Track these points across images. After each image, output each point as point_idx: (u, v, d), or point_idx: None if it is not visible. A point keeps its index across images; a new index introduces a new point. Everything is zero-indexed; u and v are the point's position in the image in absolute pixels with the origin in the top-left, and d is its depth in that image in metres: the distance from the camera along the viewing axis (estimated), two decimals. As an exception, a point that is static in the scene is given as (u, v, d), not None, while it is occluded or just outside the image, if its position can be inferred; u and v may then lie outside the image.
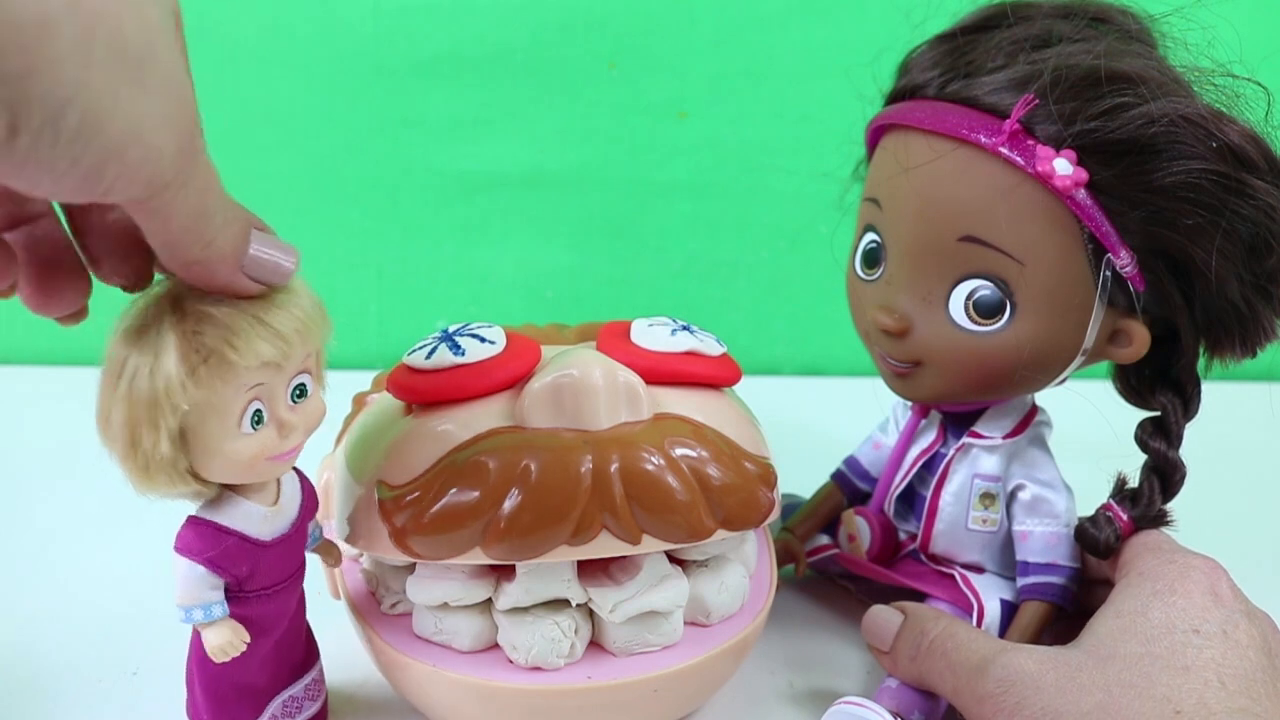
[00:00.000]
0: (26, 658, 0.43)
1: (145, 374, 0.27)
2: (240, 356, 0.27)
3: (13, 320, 0.75)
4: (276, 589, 0.33)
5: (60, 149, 0.21)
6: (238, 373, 0.28)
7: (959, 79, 0.38)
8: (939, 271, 0.38)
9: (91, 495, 0.55)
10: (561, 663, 0.35)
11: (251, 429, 0.29)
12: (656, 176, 0.77)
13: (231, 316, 0.28)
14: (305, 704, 0.37)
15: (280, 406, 0.30)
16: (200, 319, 0.27)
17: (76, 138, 0.21)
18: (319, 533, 0.36)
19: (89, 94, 0.21)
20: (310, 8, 0.73)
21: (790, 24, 0.74)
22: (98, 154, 0.22)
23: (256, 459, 0.30)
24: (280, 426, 0.30)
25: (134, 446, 0.28)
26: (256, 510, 0.32)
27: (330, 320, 0.31)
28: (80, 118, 0.21)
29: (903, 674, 0.39)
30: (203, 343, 0.27)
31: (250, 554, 0.32)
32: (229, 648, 0.31)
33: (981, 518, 0.42)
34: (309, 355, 0.31)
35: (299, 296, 0.29)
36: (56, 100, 0.20)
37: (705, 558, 0.38)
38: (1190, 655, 0.33)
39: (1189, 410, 0.40)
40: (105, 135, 0.21)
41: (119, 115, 0.22)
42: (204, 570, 0.31)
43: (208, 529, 0.31)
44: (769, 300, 0.80)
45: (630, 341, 0.38)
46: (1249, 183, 0.34)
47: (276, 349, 0.28)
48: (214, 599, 0.31)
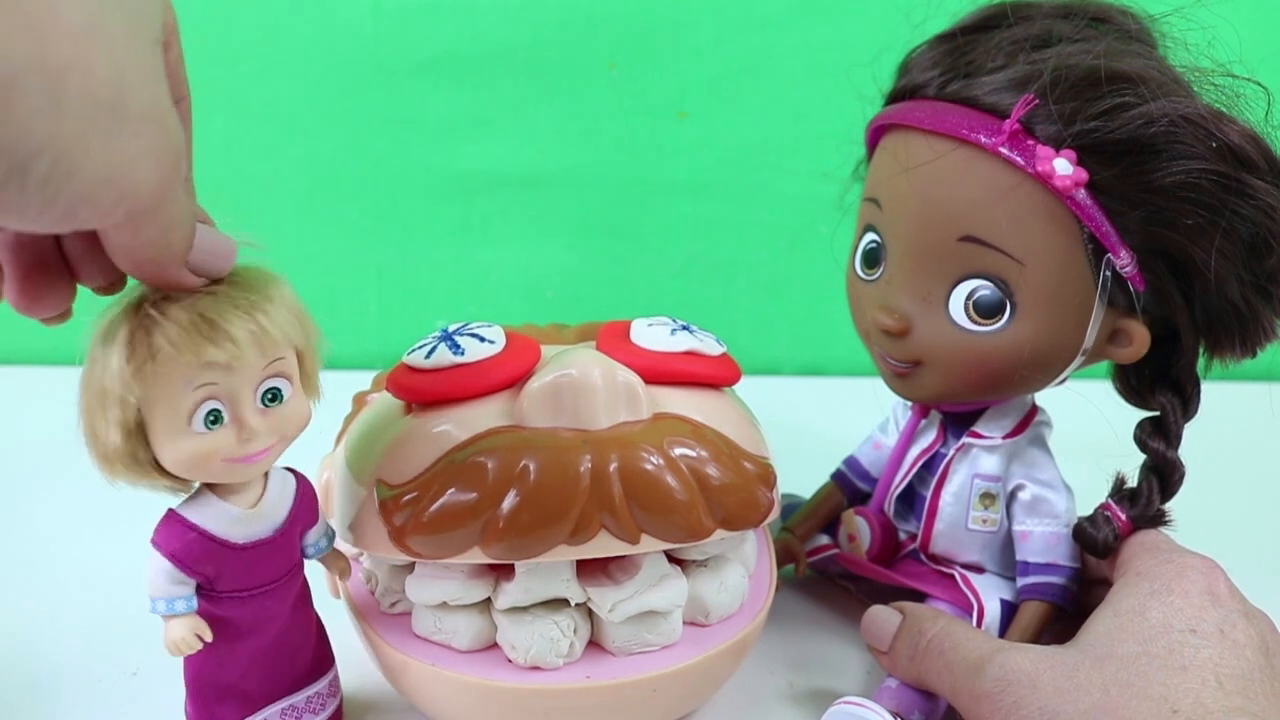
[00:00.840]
0: (26, 658, 0.43)
1: (99, 367, 0.28)
2: (180, 354, 0.28)
3: (12, 320, 0.75)
4: (252, 593, 0.33)
5: (29, 195, 0.21)
6: (180, 369, 0.28)
7: (959, 79, 0.38)
8: (939, 271, 0.38)
9: (91, 495, 0.54)
10: (560, 662, 0.35)
11: (205, 428, 0.30)
12: (656, 176, 0.77)
13: (178, 317, 0.28)
14: (305, 715, 0.36)
15: (244, 409, 0.30)
16: (153, 318, 0.28)
17: (46, 184, 0.21)
18: (325, 543, 0.36)
19: (59, 144, 0.21)
20: (310, 8, 0.73)
21: (790, 24, 0.74)
22: (69, 199, 0.22)
23: (208, 458, 0.30)
24: (240, 428, 0.30)
25: (94, 434, 0.29)
26: (229, 511, 0.32)
27: (314, 327, 0.31)
28: (50, 167, 0.21)
29: (901, 674, 0.39)
30: (150, 341, 0.28)
31: (214, 554, 0.32)
32: (183, 644, 0.32)
33: (981, 518, 0.42)
34: (278, 360, 0.30)
35: (269, 302, 0.30)
36: (24, 151, 0.20)
37: (704, 557, 0.38)
38: (1188, 655, 0.33)
39: (1188, 410, 0.40)
40: (76, 181, 0.22)
41: (90, 162, 0.22)
42: (169, 564, 0.31)
43: (176, 523, 0.32)
44: (769, 300, 0.80)
45: (630, 341, 0.38)
46: (1249, 183, 0.34)
47: (223, 350, 0.28)
48: (177, 594, 0.32)
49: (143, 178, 0.23)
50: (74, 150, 0.21)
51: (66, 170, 0.21)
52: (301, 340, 0.31)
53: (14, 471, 0.60)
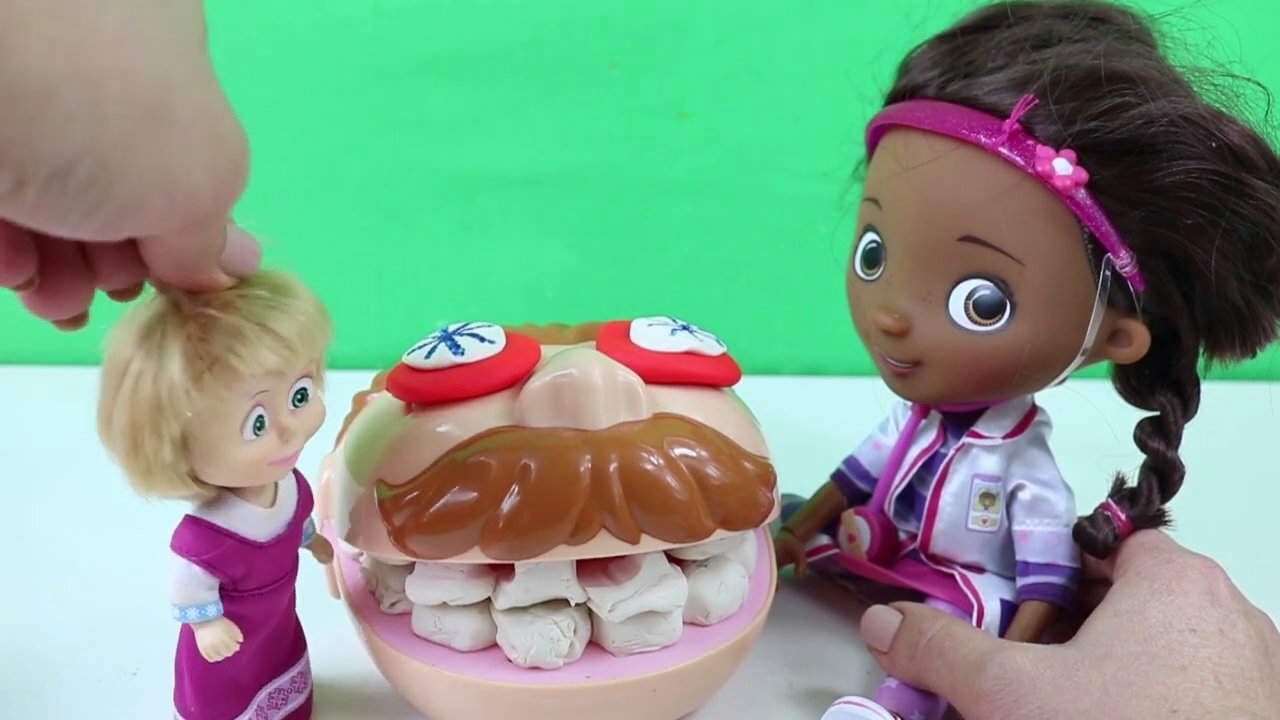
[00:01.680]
0: (26, 658, 0.43)
1: (149, 379, 0.27)
2: (245, 365, 0.27)
3: (13, 320, 0.75)
4: (271, 588, 0.34)
5: (69, 201, 0.21)
6: (243, 380, 0.28)
7: (959, 79, 0.38)
8: (939, 271, 0.38)
9: (91, 495, 0.54)
10: (560, 662, 0.35)
11: (254, 435, 0.29)
12: (656, 176, 0.77)
13: (237, 323, 0.27)
14: (291, 696, 0.37)
15: (282, 412, 0.30)
16: (205, 325, 0.27)
17: (88, 190, 0.21)
18: (311, 529, 0.37)
19: (99, 151, 0.20)
20: (310, 8, 0.73)
21: (790, 24, 0.74)
22: (114, 204, 0.21)
23: (259, 464, 0.30)
24: (281, 432, 0.30)
25: (136, 450, 0.27)
26: (255, 512, 0.32)
27: (332, 323, 0.31)
28: (90, 173, 0.21)
29: (901, 674, 0.39)
30: (208, 350, 0.27)
31: (247, 555, 0.32)
32: (222, 647, 0.32)
33: (981, 518, 0.42)
34: (311, 360, 0.30)
35: (302, 301, 0.29)
36: (64, 158, 0.20)
37: (704, 557, 0.38)
38: (1187, 654, 0.33)
39: (1188, 410, 0.40)
40: (121, 187, 0.21)
41: (135, 168, 0.21)
42: (200, 571, 0.31)
43: (206, 530, 0.31)
44: (769, 300, 0.80)
45: (630, 341, 0.38)
46: (1249, 182, 0.34)
47: (281, 357, 0.28)
48: (209, 599, 0.32)
49: (199, 183, 0.23)
50: (116, 157, 0.21)
51: (109, 178, 0.21)
52: (327, 339, 0.31)
53: (14, 471, 0.60)
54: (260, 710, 0.36)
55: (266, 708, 0.36)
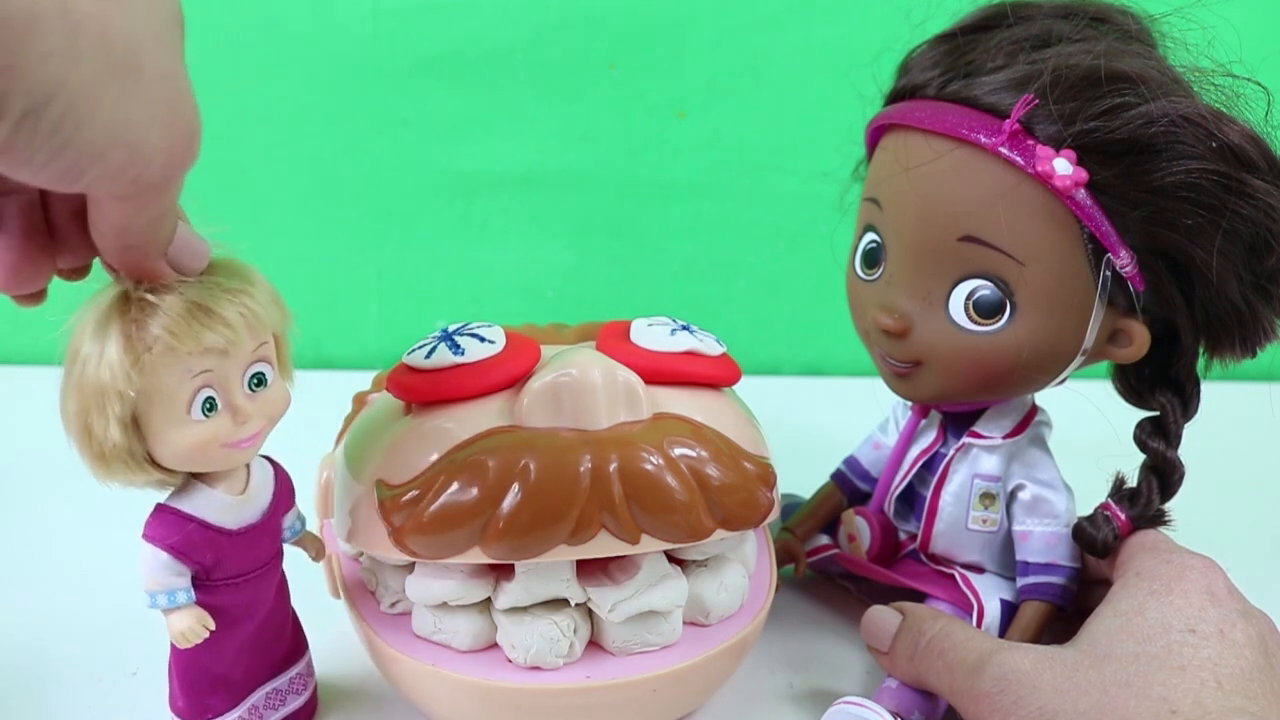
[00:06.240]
0: (26, 658, 0.43)
1: (94, 362, 0.28)
2: (180, 343, 0.28)
3: (13, 320, 0.75)
4: (246, 578, 0.34)
5: (39, 141, 0.22)
6: (180, 358, 0.29)
7: (959, 79, 0.38)
8: (939, 271, 0.38)
9: (91, 495, 0.54)
10: (560, 662, 0.35)
11: (203, 416, 0.30)
12: (656, 176, 0.77)
13: (174, 305, 0.28)
14: (290, 697, 0.37)
15: (235, 394, 0.31)
16: (144, 308, 0.28)
17: (56, 132, 0.22)
18: (300, 525, 0.37)
19: (71, 92, 0.21)
20: (310, 8, 0.73)
21: (790, 24, 0.74)
22: (77, 150, 0.22)
23: (209, 446, 0.30)
24: (235, 413, 0.31)
25: (88, 434, 0.29)
26: (222, 499, 0.32)
27: (289, 311, 0.32)
28: (61, 113, 0.21)
29: (901, 674, 0.39)
30: (147, 331, 0.28)
31: (213, 542, 0.32)
32: (190, 634, 0.32)
33: (981, 518, 0.42)
34: (264, 344, 0.31)
35: (252, 287, 0.30)
36: (39, 95, 0.21)
37: (704, 557, 0.38)
38: (1187, 655, 0.33)
39: (1188, 410, 0.40)
40: (86, 133, 0.22)
41: (101, 115, 0.22)
42: (168, 557, 0.32)
43: (171, 516, 0.32)
44: (769, 300, 0.80)
45: (630, 341, 0.38)
46: (1249, 183, 0.34)
47: (220, 335, 0.29)
48: (178, 585, 0.32)
49: (154, 144, 0.24)
50: (86, 100, 0.22)
51: (76, 120, 0.22)
52: (280, 324, 0.32)
53: (14, 471, 0.60)
54: (255, 710, 0.36)
55: (263, 708, 0.36)
